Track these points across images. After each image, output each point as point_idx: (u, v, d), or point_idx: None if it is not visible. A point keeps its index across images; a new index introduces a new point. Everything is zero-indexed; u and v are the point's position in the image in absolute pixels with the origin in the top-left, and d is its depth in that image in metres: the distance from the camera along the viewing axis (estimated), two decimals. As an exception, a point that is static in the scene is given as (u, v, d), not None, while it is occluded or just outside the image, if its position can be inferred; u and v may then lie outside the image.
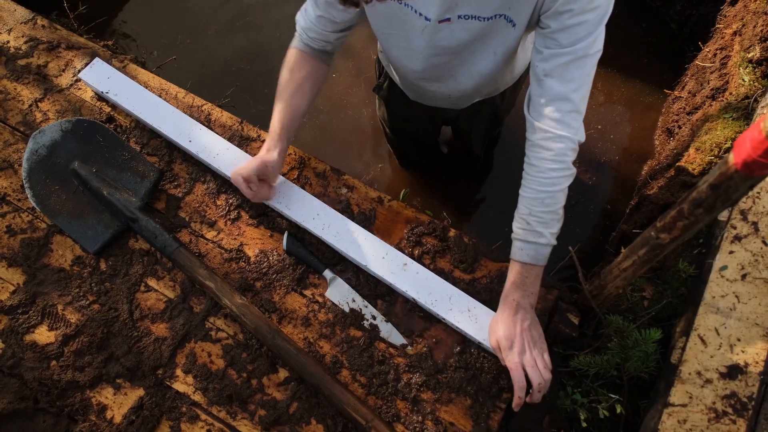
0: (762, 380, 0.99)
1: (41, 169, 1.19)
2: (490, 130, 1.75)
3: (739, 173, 0.60)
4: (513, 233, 1.02)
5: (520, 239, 1.00)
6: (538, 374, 0.95)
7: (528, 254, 0.99)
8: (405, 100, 1.41)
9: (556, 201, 0.97)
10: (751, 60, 1.47)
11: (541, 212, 0.98)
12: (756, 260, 1.08)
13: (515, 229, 1.01)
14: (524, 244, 0.99)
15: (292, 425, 1.03)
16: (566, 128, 0.92)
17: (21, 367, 1.07)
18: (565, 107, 0.91)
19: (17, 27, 1.37)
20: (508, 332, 0.98)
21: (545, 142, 0.94)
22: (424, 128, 1.65)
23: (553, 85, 0.90)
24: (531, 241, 0.98)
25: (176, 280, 1.14)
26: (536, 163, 0.96)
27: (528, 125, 0.96)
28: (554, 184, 0.96)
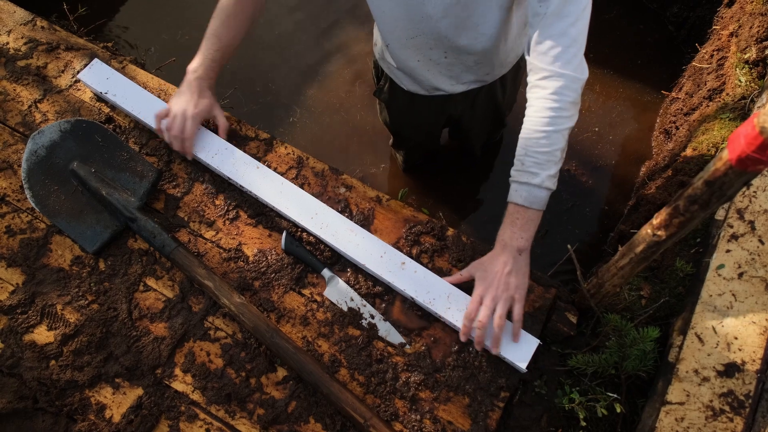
0: (759, 378, 0.99)
1: (40, 169, 1.20)
2: (492, 129, 1.75)
3: (733, 169, 0.61)
4: (510, 175, 1.00)
5: (514, 180, 0.98)
6: (486, 314, 0.95)
7: (521, 195, 0.97)
8: (407, 98, 1.41)
9: (552, 142, 0.93)
10: (747, 61, 1.48)
11: (537, 152, 0.95)
12: (753, 259, 1.08)
13: (511, 172, 1.00)
14: (518, 185, 0.97)
15: (291, 424, 1.03)
16: (566, 65, 0.89)
17: (20, 367, 1.07)
18: (563, 42, 0.88)
19: (17, 28, 1.38)
20: (485, 269, 0.99)
21: (543, 81, 0.91)
22: (428, 130, 1.64)
23: (551, 23, 0.87)
24: (524, 182, 0.96)
25: (175, 280, 1.14)
26: (534, 103, 0.93)
27: (528, 67, 0.94)
28: (551, 124, 0.92)
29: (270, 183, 1.18)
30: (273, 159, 1.25)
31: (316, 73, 2.32)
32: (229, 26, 1.13)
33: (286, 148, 1.26)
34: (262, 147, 1.26)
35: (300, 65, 2.33)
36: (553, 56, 0.89)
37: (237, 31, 1.14)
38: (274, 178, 1.19)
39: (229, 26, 1.12)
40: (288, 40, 2.38)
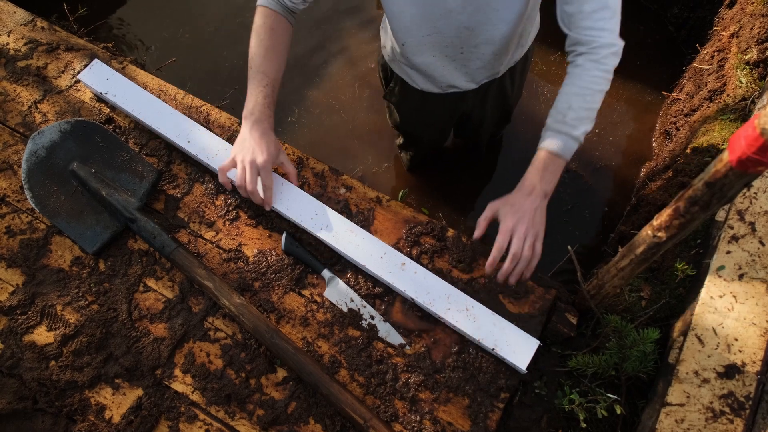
0: (759, 380, 0.99)
1: (40, 170, 1.20)
2: (499, 121, 1.76)
3: (734, 170, 0.61)
4: (545, 126, 1.05)
5: (553, 129, 1.04)
6: (520, 245, 0.98)
7: (557, 144, 1.02)
8: (420, 97, 1.41)
9: (594, 100, 1.02)
10: (748, 62, 1.48)
11: (580, 107, 1.02)
12: (753, 260, 1.08)
13: (549, 122, 1.05)
14: (556, 134, 1.03)
15: (291, 425, 1.03)
16: (610, 35, 0.98)
17: (20, 368, 1.07)
18: (606, 15, 0.96)
19: (17, 29, 1.38)
20: (513, 204, 1.02)
21: (593, 49, 0.99)
22: (440, 128, 1.64)
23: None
24: (564, 132, 1.02)
25: (175, 281, 1.14)
26: (582, 63, 1.01)
27: (571, 39, 1.01)
28: (596, 83, 1.01)
29: (270, 183, 1.18)
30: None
31: (316, 74, 2.32)
32: (272, 59, 1.09)
33: (286, 149, 1.26)
34: (262, 147, 1.26)
35: (299, 65, 2.33)
36: (600, 27, 0.98)
37: (280, 62, 1.11)
38: (274, 179, 1.19)
39: (271, 59, 1.09)
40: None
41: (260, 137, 1.08)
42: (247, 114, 1.09)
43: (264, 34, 1.09)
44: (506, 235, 0.99)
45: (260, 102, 1.08)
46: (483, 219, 1.05)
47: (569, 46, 1.03)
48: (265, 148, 1.07)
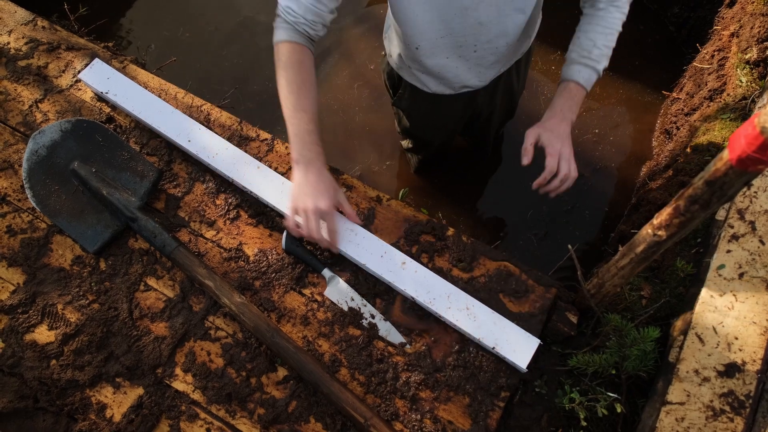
0: (759, 378, 0.99)
1: (41, 169, 1.20)
2: (505, 116, 1.76)
3: (734, 169, 0.61)
4: (567, 61, 1.14)
5: (579, 63, 1.13)
6: (568, 166, 1.11)
7: (584, 76, 1.12)
8: (431, 101, 1.41)
9: (613, 40, 1.12)
10: (748, 61, 1.48)
11: (604, 45, 1.11)
12: (753, 259, 1.08)
13: (574, 57, 1.13)
14: (583, 67, 1.12)
15: (291, 424, 1.03)
16: None
17: (21, 367, 1.07)
18: None
19: (18, 28, 1.38)
20: (553, 129, 1.11)
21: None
22: (451, 129, 1.63)
23: None
24: (590, 66, 1.12)
25: (176, 280, 1.15)
26: (604, 7, 1.11)
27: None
28: (617, 25, 1.11)
29: (270, 183, 1.18)
30: (274, 159, 1.25)
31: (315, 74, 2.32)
32: (306, 94, 1.06)
33: (287, 148, 1.26)
34: (263, 147, 1.26)
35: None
36: None
37: (314, 94, 1.08)
38: (275, 178, 1.19)
39: (306, 94, 1.05)
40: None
41: (317, 180, 1.04)
42: (297, 157, 1.04)
43: (292, 70, 1.05)
44: (556, 158, 1.10)
45: (307, 141, 1.04)
46: (529, 145, 1.12)
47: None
48: (324, 192, 1.04)
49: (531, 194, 2.08)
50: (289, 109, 1.05)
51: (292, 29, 1.06)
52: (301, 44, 1.07)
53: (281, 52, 1.07)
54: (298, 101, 1.05)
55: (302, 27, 1.06)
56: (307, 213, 1.03)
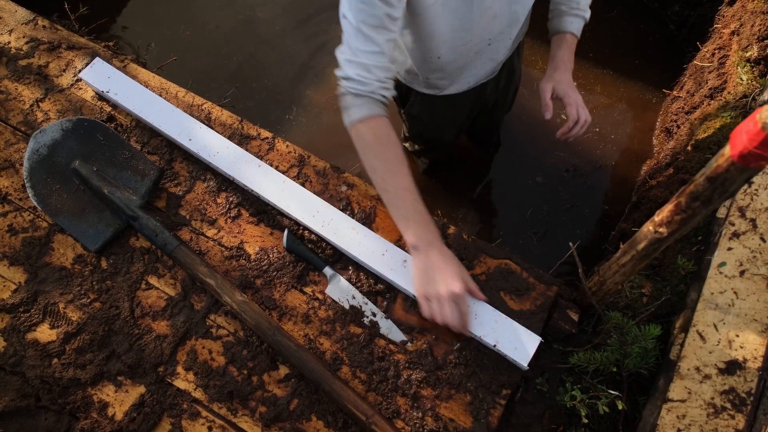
0: (760, 376, 0.99)
1: (42, 168, 1.20)
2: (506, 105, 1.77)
3: (735, 165, 0.61)
4: (558, 13, 1.22)
5: (571, 14, 1.21)
6: (585, 112, 1.21)
7: (576, 27, 1.22)
8: (443, 103, 1.40)
9: None
10: (749, 59, 1.48)
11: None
12: (754, 257, 1.08)
13: (564, 9, 1.21)
14: (574, 18, 1.21)
15: (293, 422, 1.03)
16: None
17: (23, 365, 1.07)
18: None
19: (18, 28, 1.38)
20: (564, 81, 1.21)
21: None
22: (461, 125, 1.62)
23: None
24: (580, 16, 1.21)
25: (177, 278, 1.15)
26: None
27: None
28: None
29: (271, 181, 1.18)
30: (275, 157, 1.25)
31: (315, 75, 2.31)
32: (404, 172, 1.00)
33: (288, 147, 1.26)
34: (264, 145, 1.27)
35: (299, 66, 2.33)
36: None
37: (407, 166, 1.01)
38: (276, 177, 1.19)
39: (404, 172, 1.00)
40: (287, 39, 2.38)
41: (443, 263, 0.99)
42: (416, 241, 1.00)
43: (383, 148, 0.99)
44: (574, 107, 1.20)
45: (422, 221, 1.00)
46: (548, 100, 1.22)
47: None
48: (455, 275, 0.98)
49: (531, 193, 2.08)
50: (390, 192, 1.00)
51: (368, 100, 0.99)
52: (377, 115, 0.99)
53: (363, 131, 1.00)
54: (398, 181, 0.99)
55: (378, 93, 0.99)
56: (441, 300, 0.98)
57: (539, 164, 2.09)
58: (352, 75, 0.97)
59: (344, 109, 1.02)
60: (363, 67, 0.96)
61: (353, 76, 0.97)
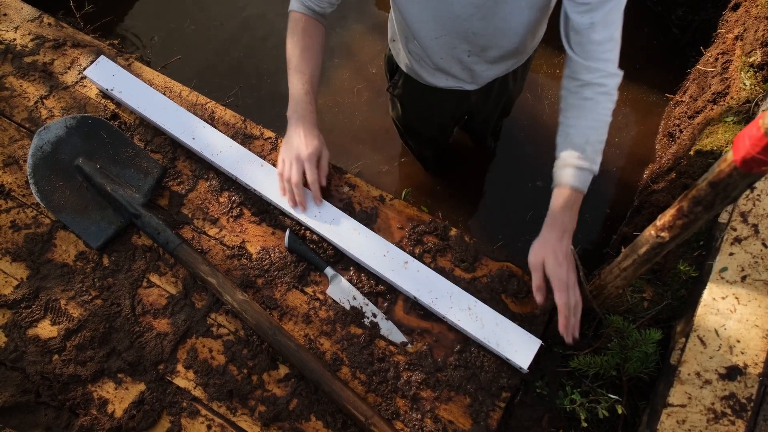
0: (761, 382, 0.99)
1: (46, 165, 1.20)
2: (499, 117, 1.77)
3: (738, 170, 0.61)
4: (561, 162, 1.06)
5: (574, 166, 1.04)
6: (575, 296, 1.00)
7: (579, 180, 1.04)
8: (423, 91, 1.41)
9: (606, 132, 1.04)
10: (752, 64, 1.48)
11: (597, 141, 1.04)
12: (756, 262, 1.08)
13: (566, 158, 1.05)
14: (578, 171, 1.03)
15: (292, 421, 1.04)
16: (614, 65, 1.01)
17: (23, 361, 1.07)
18: (612, 47, 0.99)
19: (24, 25, 1.39)
20: (555, 252, 1.02)
21: (602, 80, 1.01)
22: (440, 123, 1.64)
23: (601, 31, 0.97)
24: (585, 168, 1.03)
25: (178, 276, 1.15)
26: (593, 97, 1.02)
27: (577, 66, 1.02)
28: (608, 115, 1.03)
29: (274, 181, 1.19)
30: (277, 157, 1.25)
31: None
32: (308, 58, 1.14)
33: (291, 147, 1.26)
34: (267, 145, 1.27)
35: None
36: (606, 59, 1.00)
37: (317, 59, 1.16)
38: (278, 176, 1.19)
39: (307, 58, 1.14)
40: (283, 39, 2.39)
41: (305, 134, 1.12)
42: (290, 113, 1.13)
43: (298, 36, 1.14)
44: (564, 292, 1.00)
45: (302, 99, 1.12)
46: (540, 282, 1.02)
47: (574, 72, 1.03)
48: (309, 143, 1.11)
49: (531, 196, 2.08)
50: (290, 69, 1.14)
51: (300, 2, 1.15)
52: (308, 15, 1.15)
53: (290, 20, 1.16)
54: (299, 63, 1.13)
55: (309, 2, 1.14)
56: (286, 161, 1.12)
57: (541, 168, 2.09)
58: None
59: None
60: None
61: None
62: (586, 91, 1.02)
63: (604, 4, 0.94)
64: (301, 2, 1.15)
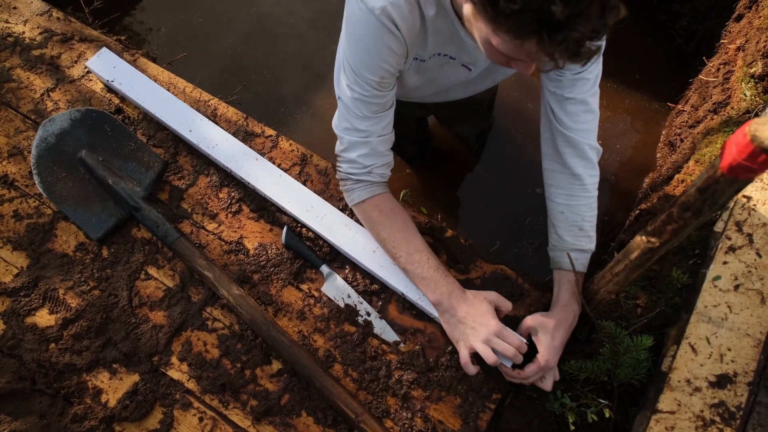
0: (751, 390, 0.99)
1: (49, 156, 1.22)
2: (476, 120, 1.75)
3: (725, 177, 0.61)
4: (559, 246, 1.06)
5: (575, 249, 1.05)
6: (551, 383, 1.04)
7: (582, 263, 1.06)
8: None
9: (596, 205, 1.07)
10: (753, 75, 1.48)
11: (591, 216, 1.06)
12: (749, 271, 1.08)
13: (566, 240, 1.05)
14: (579, 254, 1.05)
15: (283, 416, 1.04)
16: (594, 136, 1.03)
17: (20, 348, 1.09)
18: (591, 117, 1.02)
19: (33, 18, 1.41)
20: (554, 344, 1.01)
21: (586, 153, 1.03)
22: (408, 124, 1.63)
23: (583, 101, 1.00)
24: (585, 249, 1.06)
25: (176, 270, 1.16)
26: (581, 173, 1.04)
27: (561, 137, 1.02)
28: (595, 188, 1.06)
29: (268, 175, 1.20)
30: (277, 155, 1.27)
31: (317, 76, 2.33)
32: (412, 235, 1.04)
33: (291, 145, 1.28)
34: (268, 143, 1.28)
35: (302, 68, 2.35)
36: (591, 130, 1.02)
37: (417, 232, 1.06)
38: (273, 170, 1.21)
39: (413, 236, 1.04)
40: (297, 36, 2.40)
41: (468, 308, 1.00)
42: (439, 297, 1.01)
43: (387, 222, 1.04)
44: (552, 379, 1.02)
45: (438, 277, 1.01)
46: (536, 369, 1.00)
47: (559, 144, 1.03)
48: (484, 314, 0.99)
49: (530, 203, 2.09)
50: (403, 258, 1.03)
51: (369, 183, 1.05)
52: (379, 193, 1.06)
53: (367, 210, 1.06)
54: (408, 246, 1.03)
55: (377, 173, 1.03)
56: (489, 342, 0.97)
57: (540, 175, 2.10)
58: (350, 158, 1.02)
59: (346, 192, 1.08)
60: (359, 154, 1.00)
61: (352, 160, 1.02)
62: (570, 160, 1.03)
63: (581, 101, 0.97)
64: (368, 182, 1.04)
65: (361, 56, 0.88)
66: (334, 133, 1.05)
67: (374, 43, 0.85)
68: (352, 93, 0.93)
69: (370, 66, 0.88)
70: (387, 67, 0.88)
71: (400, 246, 1.04)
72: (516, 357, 0.99)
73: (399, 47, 0.86)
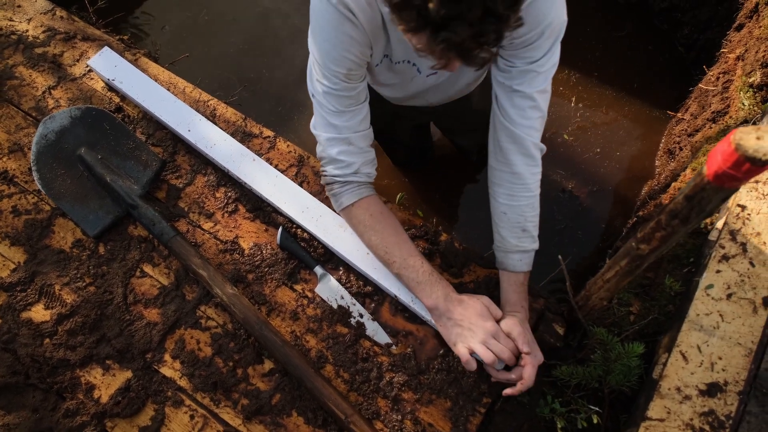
0: (741, 399, 0.99)
1: (49, 153, 1.23)
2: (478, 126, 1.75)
3: (711, 185, 0.62)
4: (503, 247, 1.06)
5: (518, 250, 1.04)
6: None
7: (526, 263, 1.05)
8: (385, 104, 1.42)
9: (538, 204, 1.04)
10: (752, 85, 1.48)
11: (533, 216, 1.04)
12: (742, 280, 1.09)
13: (509, 241, 1.05)
14: (523, 254, 1.05)
15: (274, 416, 1.05)
16: (539, 134, 0.99)
17: (15, 343, 1.10)
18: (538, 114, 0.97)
19: (36, 17, 1.42)
20: (529, 338, 1.02)
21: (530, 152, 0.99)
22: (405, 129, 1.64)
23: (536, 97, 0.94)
24: (528, 249, 1.05)
25: (171, 268, 1.17)
26: (523, 171, 1.00)
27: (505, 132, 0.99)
28: (538, 187, 1.03)
29: (264, 175, 1.21)
30: (275, 156, 1.28)
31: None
32: (403, 240, 1.04)
33: (288, 146, 1.29)
34: (266, 144, 1.29)
35: (300, 69, 2.36)
36: (536, 129, 0.98)
37: (407, 236, 1.06)
38: (269, 171, 1.22)
39: (403, 241, 1.04)
40: (299, 36, 2.42)
41: (463, 311, 1.00)
42: (435, 302, 1.01)
43: (378, 226, 1.04)
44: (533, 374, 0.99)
45: (432, 281, 1.02)
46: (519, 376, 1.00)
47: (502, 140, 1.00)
48: (479, 314, 0.99)
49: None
50: (396, 263, 1.03)
51: (355, 185, 1.05)
52: (366, 196, 1.05)
53: (357, 213, 1.05)
54: (401, 251, 1.03)
55: (363, 173, 1.03)
56: (486, 344, 0.97)
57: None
58: (333, 158, 1.02)
59: (333, 197, 1.08)
60: (344, 154, 1.01)
61: (338, 157, 1.02)
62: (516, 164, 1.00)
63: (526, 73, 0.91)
64: (353, 184, 1.04)
65: (325, 48, 0.89)
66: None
67: (335, 32, 0.86)
68: (322, 87, 0.95)
69: (335, 57, 0.89)
70: (351, 57, 0.89)
71: (394, 251, 1.04)
72: (511, 359, 0.99)
73: (360, 36, 0.86)
